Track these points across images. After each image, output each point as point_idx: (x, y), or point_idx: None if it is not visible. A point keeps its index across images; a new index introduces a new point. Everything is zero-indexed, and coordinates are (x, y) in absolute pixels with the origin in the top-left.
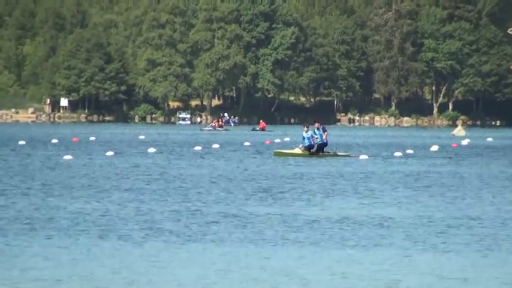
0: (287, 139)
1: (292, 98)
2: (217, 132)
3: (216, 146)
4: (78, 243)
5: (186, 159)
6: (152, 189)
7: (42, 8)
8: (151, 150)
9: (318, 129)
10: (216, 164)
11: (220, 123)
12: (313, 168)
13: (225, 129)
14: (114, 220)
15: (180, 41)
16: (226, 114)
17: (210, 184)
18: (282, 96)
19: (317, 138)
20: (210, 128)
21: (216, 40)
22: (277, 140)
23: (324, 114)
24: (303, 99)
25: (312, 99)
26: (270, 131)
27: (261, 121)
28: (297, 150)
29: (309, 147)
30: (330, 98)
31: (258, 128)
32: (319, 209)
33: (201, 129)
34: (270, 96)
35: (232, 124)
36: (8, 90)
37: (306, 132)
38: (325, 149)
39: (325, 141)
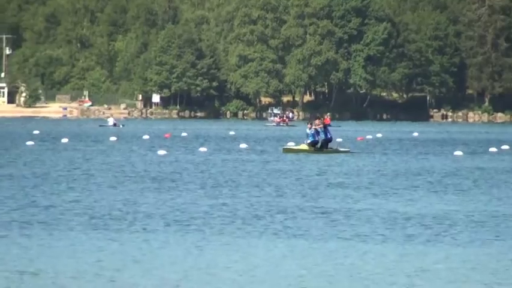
0: (379, 135)
1: (384, 94)
2: (285, 127)
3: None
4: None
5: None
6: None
7: (134, 4)
8: (243, 145)
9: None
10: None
11: (285, 119)
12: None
13: (290, 125)
14: (230, 216)
15: (271, 36)
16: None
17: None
18: (374, 92)
19: (320, 126)
20: (273, 124)
21: (307, 36)
22: (369, 136)
23: (416, 110)
24: (395, 95)
25: (405, 95)
26: (338, 126)
27: (326, 116)
28: (304, 146)
29: (313, 143)
30: (422, 94)
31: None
32: (421, 205)
33: (265, 125)
34: (362, 92)
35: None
36: (101, 86)
37: (310, 129)
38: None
39: (329, 136)
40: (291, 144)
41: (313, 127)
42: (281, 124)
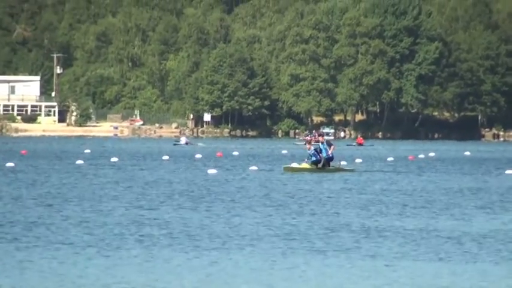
0: (431, 154)
1: (435, 113)
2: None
3: (358, 160)
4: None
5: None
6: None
7: (186, 23)
8: (294, 164)
9: (322, 143)
10: (395, 179)
11: (315, 138)
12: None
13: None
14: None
15: (323, 56)
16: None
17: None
18: (425, 111)
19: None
20: (303, 143)
21: (359, 55)
22: (421, 156)
23: (468, 130)
24: (446, 114)
25: (456, 114)
26: (371, 145)
27: (358, 136)
28: (305, 165)
29: (316, 162)
30: (474, 113)
31: (354, 144)
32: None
33: (294, 144)
34: (413, 111)
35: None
36: (152, 106)
37: (309, 149)
38: (331, 164)
39: (330, 155)
40: (344, 163)
41: (312, 147)
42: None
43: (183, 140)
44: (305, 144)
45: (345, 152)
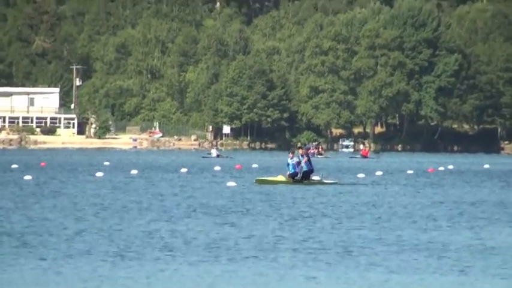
0: (451, 167)
1: (455, 126)
2: (322, 158)
3: (379, 173)
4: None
5: (371, 187)
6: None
7: (205, 34)
8: (316, 177)
9: (302, 155)
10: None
11: (319, 150)
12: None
13: (325, 157)
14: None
15: (342, 68)
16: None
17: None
18: (445, 124)
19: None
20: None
21: (379, 67)
22: (441, 168)
23: (487, 142)
24: (466, 126)
25: (475, 127)
26: (375, 157)
27: (364, 148)
28: (281, 178)
29: (293, 175)
30: (493, 126)
31: (358, 156)
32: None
33: (315, 156)
34: (433, 123)
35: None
36: (171, 117)
37: (291, 158)
38: (311, 176)
39: (311, 168)
40: (361, 176)
41: (295, 157)
42: (316, 156)
43: (214, 152)
44: (312, 156)
45: (349, 163)
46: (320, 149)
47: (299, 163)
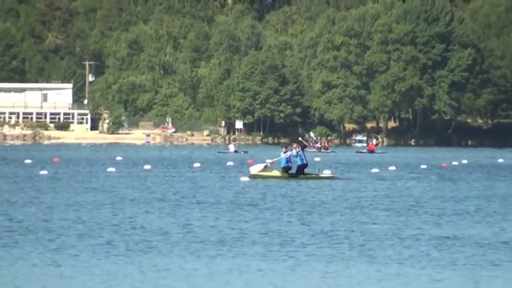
0: (465, 161)
1: (469, 120)
2: (326, 153)
3: (392, 168)
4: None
5: (389, 180)
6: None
7: (217, 30)
8: (327, 172)
9: (295, 149)
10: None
11: (325, 144)
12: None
13: (331, 151)
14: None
15: (355, 63)
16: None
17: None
18: (459, 118)
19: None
20: (314, 150)
21: (391, 62)
22: (455, 163)
23: (501, 136)
24: (480, 121)
25: (490, 121)
26: (383, 152)
27: (370, 143)
28: (275, 173)
29: (286, 169)
30: (507, 120)
31: (365, 151)
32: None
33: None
34: (446, 118)
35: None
36: (184, 113)
37: (285, 153)
38: (305, 170)
39: (305, 162)
40: (375, 171)
41: (288, 152)
42: (322, 150)
43: (231, 147)
44: (317, 151)
45: (356, 158)
46: (326, 144)
47: (289, 158)
